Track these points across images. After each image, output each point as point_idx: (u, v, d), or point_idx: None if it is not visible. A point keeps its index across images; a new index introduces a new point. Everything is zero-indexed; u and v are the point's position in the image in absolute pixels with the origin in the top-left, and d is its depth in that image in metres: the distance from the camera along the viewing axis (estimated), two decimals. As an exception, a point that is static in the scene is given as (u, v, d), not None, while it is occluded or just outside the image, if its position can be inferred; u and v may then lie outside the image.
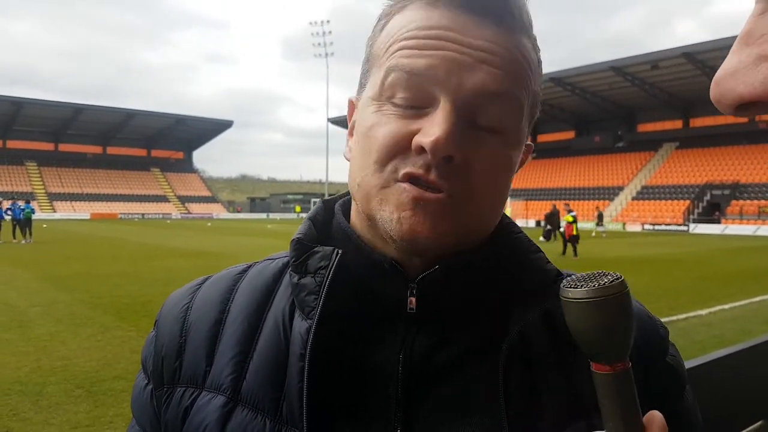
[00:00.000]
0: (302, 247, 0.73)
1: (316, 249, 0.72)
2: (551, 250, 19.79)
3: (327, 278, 0.69)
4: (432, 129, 0.61)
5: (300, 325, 0.69)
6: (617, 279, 0.54)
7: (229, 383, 0.70)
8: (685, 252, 23.49)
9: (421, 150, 0.62)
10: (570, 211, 21.35)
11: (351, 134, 0.75)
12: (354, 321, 0.71)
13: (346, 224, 0.75)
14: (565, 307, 0.56)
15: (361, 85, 0.73)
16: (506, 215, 0.78)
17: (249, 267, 0.84)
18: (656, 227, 47.23)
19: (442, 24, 0.63)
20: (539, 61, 0.70)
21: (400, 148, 0.63)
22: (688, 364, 2.32)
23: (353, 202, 0.74)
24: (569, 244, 20.87)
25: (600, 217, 29.77)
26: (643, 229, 47.54)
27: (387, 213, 0.65)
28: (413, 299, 0.69)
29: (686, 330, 8.73)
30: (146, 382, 0.79)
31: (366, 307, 0.71)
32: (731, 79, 0.34)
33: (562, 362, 0.71)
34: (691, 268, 17.33)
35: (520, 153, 0.70)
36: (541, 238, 27.66)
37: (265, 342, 0.72)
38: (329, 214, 0.80)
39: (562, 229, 22.55)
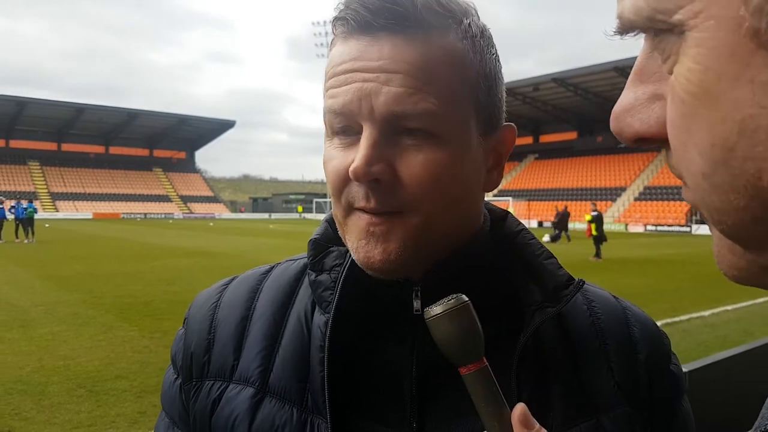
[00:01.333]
0: (319, 247, 0.79)
1: (331, 248, 0.78)
2: (562, 251, 19.76)
3: (342, 275, 0.75)
4: (355, 156, 0.66)
5: (319, 319, 0.75)
6: (457, 296, 0.64)
7: (258, 375, 0.76)
8: (688, 253, 23.45)
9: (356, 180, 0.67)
10: (593, 211, 21.20)
11: None
12: (367, 318, 0.76)
13: None
14: (429, 326, 0.65)
15: None
16: (517, 219, 0.82)
17: (272, 267, 0.90)
18: (659, 228, 47.17)
19: (351, 56, 0.68)
20: (477, 43, 0.71)
21: (344, 179, 0.69)
22: (692, 365, 2.31)
23: None
24: (595, 243, 20.53)
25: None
26: (646, 230, 47.48)
27: (350, 243, 0.71)
28: (418, 301, 0.73)
29: (689, 331, 8.71)
30: (175, 376, 0.84)
31: (377, 306, 0.76)
32: (628, 116, 0.36)
33: (572, 364, 0.77)
34: (693, 269, 17.31)
35: (466, 149, 0.70)
36: (546, 237, 27.63)
37: (289, 336, 0.78)
38: None
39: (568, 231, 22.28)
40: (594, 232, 20.79)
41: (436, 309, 0.64)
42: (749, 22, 0.26)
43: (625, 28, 0.34)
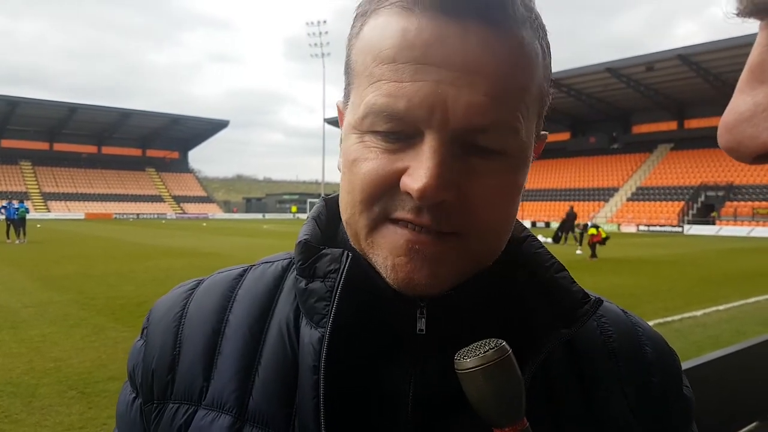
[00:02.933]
0: (309, 250, 0.67)
1: (324, 251, 0.66)
2: (563, 252, 19.78)
3: (339, 282, 0.63)
4: (419, 171, 0.55)
5: (310, 334, 0.63)
6: (497, 345, 0.55)
7: (234, 401, 0.65)
8: (680, 253, 23.55)
9: (410, 193, 0.56)
10: (587, 225, 21.76)
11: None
12: (364, 334, 0.66)
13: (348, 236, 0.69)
14: (460, 379, 0.56)
15: (345, 97, 0.67)
16: (522, 224, 0.74)
17: (245, 271, 0.78)
18: (651, 228, 47.36)
19: (420, 40, 0.55)
20: (547, 46, 0.63)
21: (387, 187, 0.58)
22: (685, 365, 2.31)
23: None
24: (590, 247, 21.00)
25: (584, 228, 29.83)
26: (638, 230, 47.65)
27: (381, 258, 0.61)
28: (423, 320, 0.64)
29: (681, 331, 8.74)
30: (134, 395, 0.73)
31: (375, 322, 0.66)
32: (748, 125, 0.29)
33: (584, 389, 0.69)
34: (686, 269, 17.37)
35: (527, 167, 0.63)
36: (549, 239, 27.74)
37: (270, 354, 0.67)
38: (333, 213, 0.73)
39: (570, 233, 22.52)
40: (604, 234, 21.13)
41: (469, 361, 0.55)
42: None
43: (754, 8, 0.28)
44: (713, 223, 45.62)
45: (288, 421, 0.63)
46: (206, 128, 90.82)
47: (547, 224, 50.74)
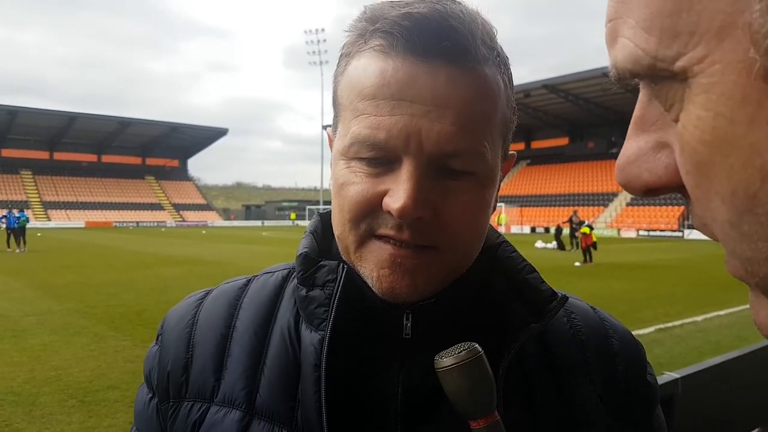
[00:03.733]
0: (309, 262, 0.75)
1: (322, 263, 0.74)
2: (566, 257, 19.81)
3: (336, 291, 0.71)
4: (398, 193, 0.63)
5: (311, 336, 0.72)
6: (470, 346, 0.64)
7: (243, 397, 0.74)
8: (681, 258, 23.55)
9: (391, 212, 0.64)
10: (582, 222, 21.67)
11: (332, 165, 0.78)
12: (356, 338, 0.73)
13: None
14: (439, 377, 0.64)
15: (333, 126, 0.74)
16: (497, 232, 0.82)
17: (249, 281, 0.86)
18: (651, 233, 47.36)
19: (398, 79, 0.63)
20: (509, 78, 0.71)
21: (371, 208, 0.66)
22: (685, 370, 2.31)
23: None
24: (583, 253, 21.01)
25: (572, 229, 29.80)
26: (638, 235, 47.67)
27: (367, 270, 0.68)
28: (408, 325, 0.72)
29: (682, 336, 8.73)
30: (151, 395, 0.81)
31: (365, 327, 0.74)
32: (634, 167, 0.35)
33: (555, 379, 0.77)
34: (686, 274, 17.38)
35: (495, 185, 0.71)
36: (549, 245, 27.72)
37: (274, 355, 0.75)
38: (328, 227, 0.81)
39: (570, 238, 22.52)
40: (595, 239, 21.18)
41: (446, 360, 0.63)
42: (761, 63, 0.25)
43: (623, 77, 0.33)
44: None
45: (291, 414, 0.72)
46: (205, 136, 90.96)
47: (546, 230, 50.74)
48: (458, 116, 0.63)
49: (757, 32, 0.25)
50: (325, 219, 0.83)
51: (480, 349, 0.64)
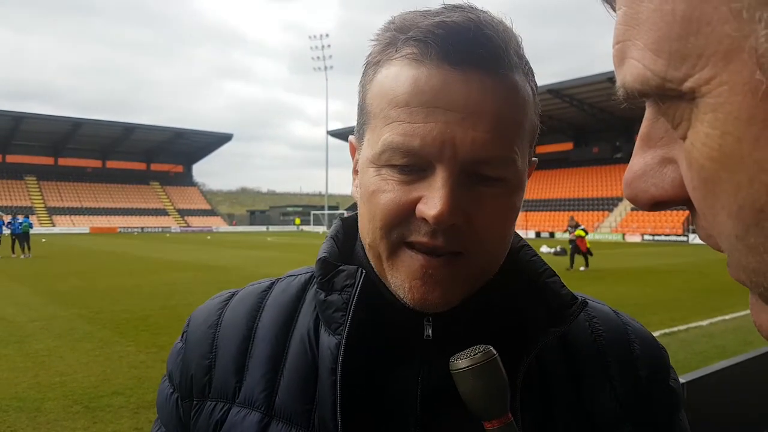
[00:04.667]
0: (328, 266, 0.76)
1: (341, 268, 0.75)
2: (575, 262, 19.75)
3: (354, 295, 0.72)
4: (433, 200, 0.64)
5: (328, 340, 0.73)
6: (485, 349, 0.65)
7: (263, 399, 0.75)
8: (686, 262, 23.46)
9: (425, 219, 0.65)
10: (578, 225, 20.98)
11: (355, 173, 0.78)
12: (376, 341, 0.75)
13: (363, 254, 0.78)
14: (454, 378, 0.65)
15: (359, 134, 0.75)
16: (519, 235, 0.82)
17: (273, 284, 0.88)
18: (656, 238, 47.22)
19: (431, 86, 0.64)
20: (535, 85, 0.72)
21: (404, 215, 0.67)
22: (691, 375, 2.30)
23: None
24: (582, 257, 20.60)
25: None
26: (643, 239, 47.53)
27: (399, 280, 0.69)
28: (429, 327, 0.73)
29: (688, 341, 8.70)
30: (171, 390, 0.83)
31: (385, 330, 0.75)
32: (641, 182, 0.36)
33: (575, 384, 0.77)
34: (691, 278, 17.31)
35: (523, 191, 0.72)
36: (552, 249, 27.68)
37: (293, 358, 0.77)
38: (350, 232, 0.83)
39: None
40: (588, 244, 20.79)
41: (462, 362, 0.64)
42: (767, 84, 0.26)
43: (631, 97, 0.34)
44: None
45: (309, 416, 0.73)
46: (210, 142, 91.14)
47: (552, 234, 50.67)
48: (491, 123, 0.64)
49: (763, 56, 0.26)
50: (348, 224, 0.85)
51: (494, 352, 0.64)
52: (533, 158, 0.77)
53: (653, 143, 0.36)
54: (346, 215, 0.88)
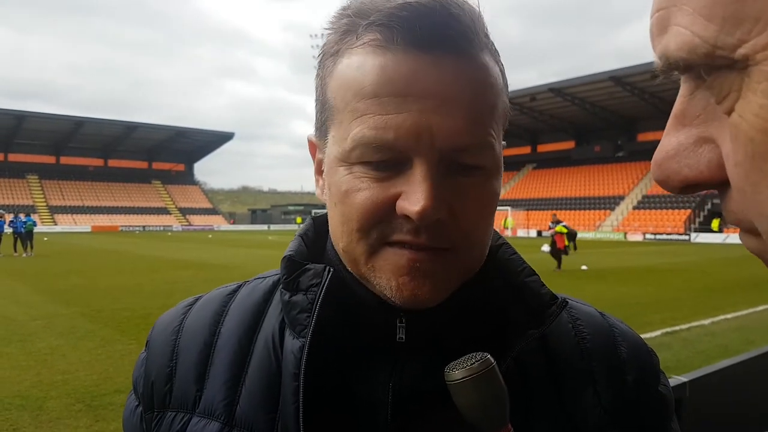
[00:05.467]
0: (293, 265, 0.72)
1: (307, 266, 0.71)
2: (574, 261, 19.76)
3: (319, 295, 0.67)
4: (415, 195, 0.59)
5: (292, 344, 0.68)
6: (482, 357, 0.61)
7: (223, 409, 0.70)
8: (688, 261, 23.45)
9: (407, 216, 0.60)
10: (559, 221, 20.45)
11: (319, 173, 0.73)
12: (345, 343, 0.70)
13: (335, 254, 0.73)
14: (450, 390, 0.62)
15: (320, 131, 0.70)
16: (497, 233, 0.78)
17: (240, 287, 0.83)
18: (657, 237, 47.17)
19: (398, 75, 0.60)
20: (502, 66, 0.68)
21: (383, 214, 0.62)
22: (693, 374, 2.30)
23: None
24: (556, 256, 19.67)
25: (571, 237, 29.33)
26: (645, 238, 47.49)
27: (384, 280, 0.64)
28: (403, 328, 0.69)
29: (690, 340, 8.69)
30: (137, 403, 0.79)
31: (356, 332, 0.71)
32: (674, 162, 0.34)
33: (556, 388, 0.73)
34: (693, 277, 17.29)
35: (501, 175, 0.68)
36: (546, 248, 27.62)
37: (256, 364, 0.72)
38: (320, 231, 0.78)
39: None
40: (567, 242, 20.30)
41: (458, 373, 0.60)
42: None
43: (675, 66, 0.32)
44: (720, 231, 45.43)
45: (271, 426, 0.68)
46: (211, 140, 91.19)
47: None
48: (468, 109, 0.60)
49: None
50: (319, 222, 0.80)
51: (492, 360, 0.61)
52: (503, 141, 0.73)
53: (688, 121, 0.34)
54: (318, 213, 0.82)
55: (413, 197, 0.59)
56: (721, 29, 0.28)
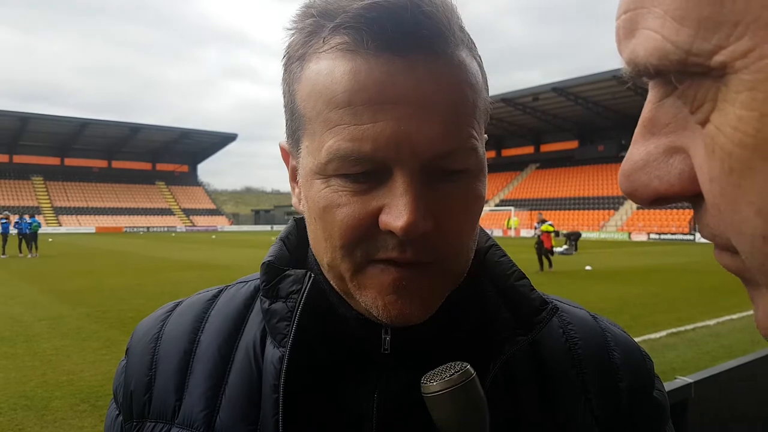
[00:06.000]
0: (273, 271, 0.70)
1: (287, 272, 0.68)
2: (578, 261, 19.73)
3: (299, 303, 0.65)
4: (398, 209, 0.56)
5: (272, 353, 0.66)
6: (461, 368, 0.57)
7: (202, 420, 0.68)
8: (692, 261, 23.39)
9: (392, 231, 0.57)
10: (545, 220, 20.16)
11: (294, 181, 0.69)
12: (327, 354, 0.68)
13: (316, 263, 0.70)
14: (426, 403, 0.58)
15: (292, 140, 0.66)
16: (486, 234, 0.76)
17: (221, 291, 0.80)
18: (662, 236, 47.06)
19: (371, 81, 0.56)
20: (480, 60, 0.64)
21: (366, 230, 0.58)
22: (698, 375, 2.30)
23: None
24: (545, 256, 19.18)
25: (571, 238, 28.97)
26: (649, 238, 47.38)
27: (369, 299, 0.61)
28: (387, 339, 0.67)
29: (695, 340, 8.66)
30: (117, 413, 0.77)
31: (340, 342, 0.69)
32: (643, 173, 0.32)
33: (546, 397, 0.71)
34: (698, 277, 17.23)
35: (486, 175, 0.65)
36: (560, 248, 27.71)
37: (236, 373, 0.70)
38: (303, 235, 0.74)
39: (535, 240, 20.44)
40: (554, 243, 20.07)
41: (435, 385, 0.57)
42: None
43: (643, 73, 0.30)
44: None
45: None
46: (215, 142, 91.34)
47: (557, 233, 50.53)
48: (447, 112, 0.57)
49: None
50: (302, 225, 0.76)
51: (473, 371, 0.58)
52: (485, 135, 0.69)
53: (657, 130, 0.32)
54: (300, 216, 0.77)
55: (395, 211, 0.56)
56: (696, 34, 0.26)
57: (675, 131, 0.31)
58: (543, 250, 19.10)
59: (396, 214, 0.56)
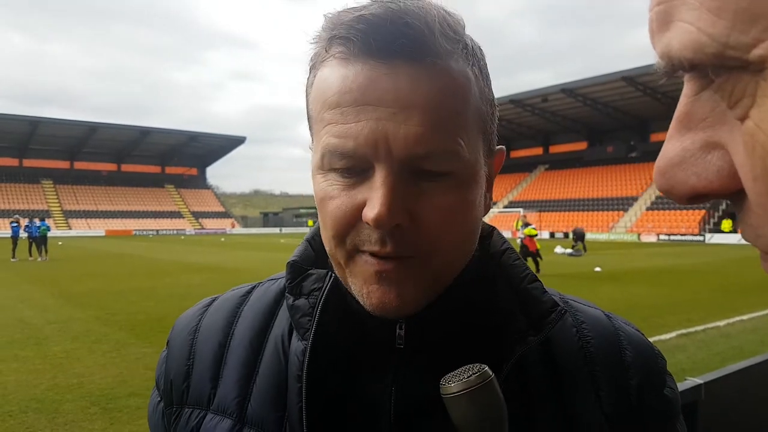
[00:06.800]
0: (297, 270, 0.75)
1: (310, 271, 0.74)
2: (587, 263, 19.66)
3: (320, 300, 0.71)
4: (373, 201, 0.61)
5: (297, 346, 0.72)
6: (480, 370, 0.59)
7: (235, 406, 0.74)
8: (702, 262, 23.24)
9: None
10: (528, 224, 19.85)
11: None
12: (347, 347, 0.72)
13: None
14: (446, 404, 0.60)
15: (312, 140, 0.72)
16: (503, 237, 0.79)
17: (253, 288, 0.87)
18: (672, 237, 46.80)
19: (358, 84, 0.61)
20: (480, 70, 0.68)
21: (351, 221, 0.64)
22: (708, 376, 2.29)
23: None
24: (532, 260, 18.99)
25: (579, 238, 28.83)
26: (659, 239, 47.13)
27: (357, 287, 0.67)
28: (402, 334, 0.71)
29: (705, 341, 8.61)
30: (159, 399, 0.83)
31: (358, 337, 0.73)
32: (679, 170, 0.31)
33: (558, 395, 0.73)
34: (708, 278, 17.13)
35: (478, 183, 0.68)
36: (567, 250, 27.62)
37: (266, 364, 0.76)
38: None
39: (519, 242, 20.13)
40: (539, 246, 19.79)
41: (453, 386, 0.59)
42: None
43: (678, 67, 0.29)
44: (735, 232, 44.97)
45: (280, 424, 0.71)
46: (224, 145, 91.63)
47: (566, 235, 50.37)
48: (424, 116, 0.61)
49: None
50: None
51: (491, 373, 0.60)
52: (498, 147, 0.73)
53: (694, 125, 0.30)
54: None
55: (371, 204, 0.61)
56: (733, 26, 0.25)
57: (712, 126, 0.29)
58: (528, 253, 18.93)
59: (370, 206, 0.61)
